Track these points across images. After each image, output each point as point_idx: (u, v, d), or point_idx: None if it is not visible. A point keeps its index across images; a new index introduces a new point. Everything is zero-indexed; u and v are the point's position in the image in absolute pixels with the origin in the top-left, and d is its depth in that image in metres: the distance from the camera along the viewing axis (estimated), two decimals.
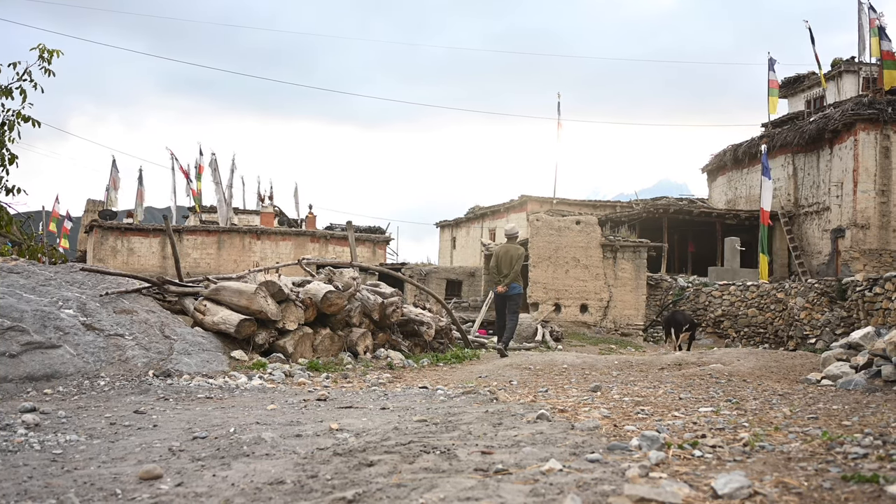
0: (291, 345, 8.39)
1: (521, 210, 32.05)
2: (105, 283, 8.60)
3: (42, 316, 6.89)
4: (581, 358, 9.90)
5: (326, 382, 7.16)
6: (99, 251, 31.87)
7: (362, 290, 9.68)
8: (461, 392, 6.30)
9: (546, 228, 20.02)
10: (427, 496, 2.70)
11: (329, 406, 5.52)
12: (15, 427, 4.30)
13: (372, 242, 35.41)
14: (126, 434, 4.32)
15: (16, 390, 5.88)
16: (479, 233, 35.01)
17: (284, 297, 8.52)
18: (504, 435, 3.95)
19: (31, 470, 3.38)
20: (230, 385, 6.61)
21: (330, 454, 3.50)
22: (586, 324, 19.65)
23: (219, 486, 2.95)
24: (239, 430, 4.24)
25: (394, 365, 8.65)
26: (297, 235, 34.36)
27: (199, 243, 32.75)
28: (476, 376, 7.78)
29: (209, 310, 8.39)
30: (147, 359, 7.09)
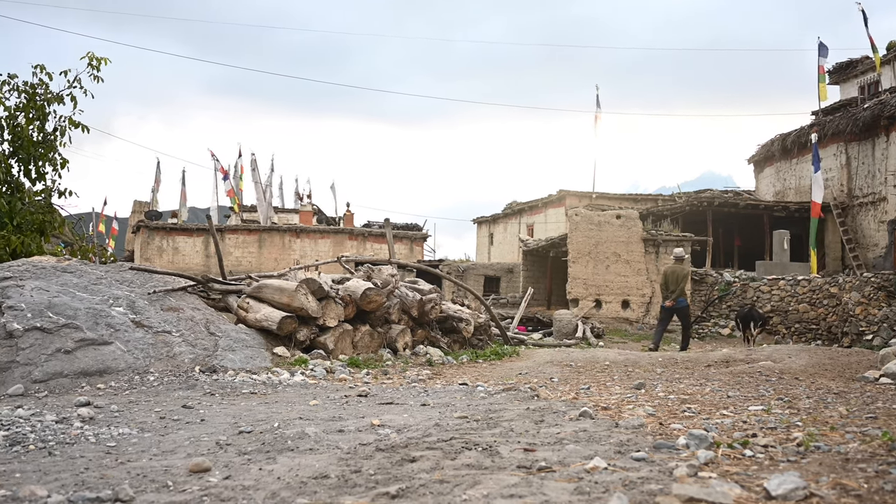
0: (332, 341, 8.47)
1: (559, 205, 31.80)
2: (152, 282, 8.77)
3: (94, 314, 7.07)
4: (623, 355, 9.80)
5: (367, 379, 7.21)
6: (146, 251, 32.51)
7: (401, 287, 9.73)
8: (501, 389, 6.29)
9: (585, 223, 19.85)
10: (470, 493, 2.69)
11: (370, 402, 5.55)
12: (71, 420, 4.43)
13: (409, 239, 35.50)
14: (175, 428, 4.41)
15: (71, 385, 6.05)
16: (517, 229, 34.83)
17: (324, 294, 8.60)
18: (546, 432, 3.93)
19: (87, 462, 3.48)
20: (273, 381, 6.70)
21: (372, 450, 3.52)
22: (628, 320, 19.44)
23: (265, 479, 3.00)
24: (283, 425, 4.30)
25: (433, 361, 8.68)
26: (336, 233, 34.61)
27: (241, 242, 33.20)
28: (516, 373, 7.76)
29: (252, 307, 8.52)
30: (193, 355, 7.23)
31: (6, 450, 3.76)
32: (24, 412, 4.52)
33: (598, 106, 30.59)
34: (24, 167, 10.64)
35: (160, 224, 33.83)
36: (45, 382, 5.98)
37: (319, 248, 33.35)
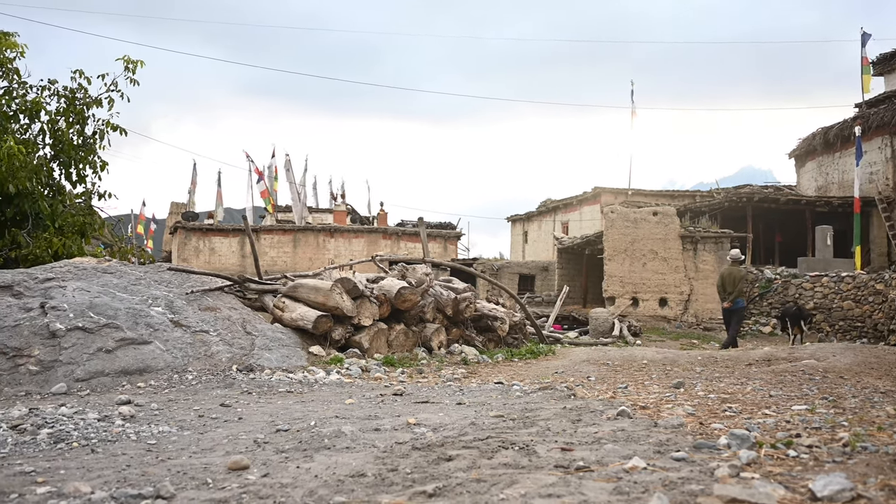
0: (367, 340, 8.50)
1: (594, 202, 31.56)
2: (190, 282, 8.89)
3: (134, 313, 7.19)
4: (661, 353, 9.67)
5: (402, 377, 7.21)
6: (183, 251, 33.01)
7: (435, 286, 9.72)
8: (538, 388, 6.25)
9: (621, 220, 19.66)
10: (507, 492, 2.68)
11: (405, 401, 5.56)
12: (113, 418, 4.50)
13: (443, 238, 35.53)
14: (214, 426, 4.46)
15: (112, 383, 6.16)
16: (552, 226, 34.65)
17: (359, 293, 8.64)
18: (583, 432, 3.89)
19: (128, 459, 3.53)
20: (309, 380, 6.74)
21: (409, 448, 3.52)
22: (666, 318, 19.21)
23: (303, 477, 3.01)
24: (319, 424, 4.31)
25: (468, 360, 8.66)
26: (370, 233, 34.78)
27: (276, 242, 33.54)
28: (552, 372, 7.70)
29: (287, 306, 8.58)
30: (231, 354, 7.30)
31: (51, 447, 3.83)
32: (67, 410, 4.60)
33: (633, 101, 30.33)
34: (65, 170, 10.87)
35: (197, 225, 34.31)
36: (87, 381, 6.09)
37: (353, 248, 33.55)
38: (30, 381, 5.95)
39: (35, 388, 5.87)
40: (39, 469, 3.31)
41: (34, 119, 10.88)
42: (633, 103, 30.36)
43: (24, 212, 9.79)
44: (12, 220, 9.81)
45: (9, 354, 6.14)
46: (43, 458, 3.61)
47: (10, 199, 9.59)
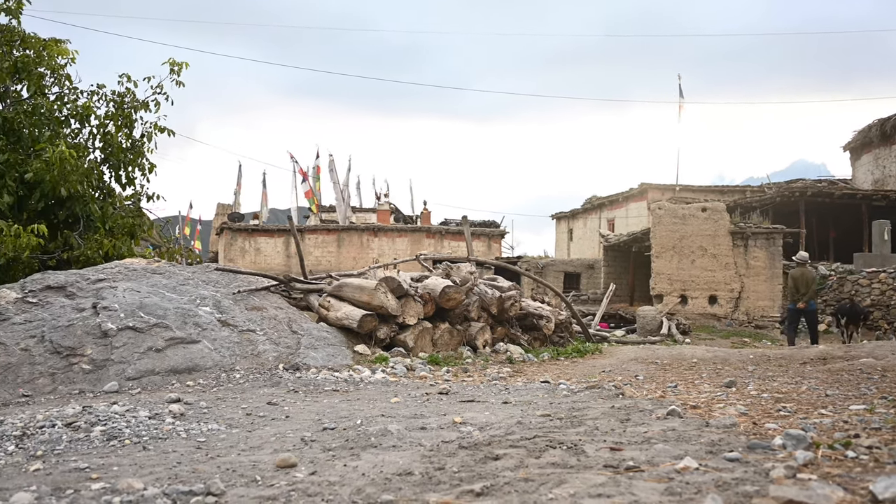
0: (412, 339, 8.51)
1: (640, 199, 31.17)
2: (237, 282, 9.01)
3: (182, 313, 7.31)
4: (712, 352, 9.50)
5: (447, 376, 7.20)
6: (229, 251, 33.56)
7: (479, 285, 9.69)
8: (585, 387, 6.17)
9: (669, 217, 19.37)
10: (556, 491, 2.64)
11: (451, 400, 5.54)
12: (163, 416, 4.57)
13: (487, 236, 35.47)
14: (261, 424, 4.50)
15: (162, 382, 6.27)
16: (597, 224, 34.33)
17: (404, 292, 8.65)
18: (633, 431, 3.83)
19: (179, 456, 3.58)
20: (355, 378, 6.77)
21: (455, 447, 3.50)
22: (716, 316, 18.86)
23: (350, 475, 3.01)
24: (365, 422, 4.32)
25: (513, 359, 8.61)
26: (413, 231, 34.90)
27: (320, 242, 33.89)
28: (599, 371, 7.61)
29: (332, 306, 8.64)
30: (277, 353, 7.38)
31: (104, 444, 3.91)
32: (119, 408, 4.69)
33: (680, 96, 29.94)
34: (114, 173, 11.11)
35: (242, 226, 34.85)
36: (138, 380, 6.21)
37: (397, 247, 33.71)
38: (83, 380, 6.09)
39: (88, 386, 6.01)
40: (93, 465, 3.38)
41: (84, 123, 11.14)
42: (680, 97, 29.94)
43: (76, 214, 10.03)
44: (64, 222, 10.06)
45: (63, 353, 6.29)
46: (97, 454, 3.68)
47: (63, 203, 9.83)
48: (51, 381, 5.99)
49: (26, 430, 4.07)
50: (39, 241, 8.92)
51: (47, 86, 10.96)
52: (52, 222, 9.86)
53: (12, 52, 10.54)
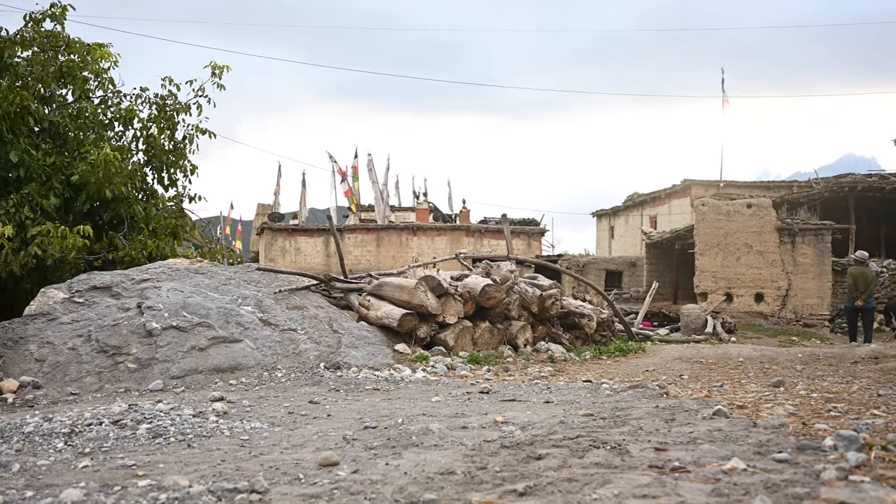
0: (452, 338, 8.49)
1: (683, 195, 30.72)
2: (278, 282, 9.09)
3: (225, 313, 7.39)
4: (759, 351, 9.33)
5: (488, 375, 7.17)
6: (269, 251, 33.95)
7: (520, 283, 9.63)
8: (628, 386, 6.09)
9: (713, 213, 19.06)
10: (600, 491, 2.61)
11: (492, 399, 5.51)
12: (207, 415, 4.63)
13: (527, 235, 35.31)
14: (303, 423, 4.53)
15: (205, 381, 6.35)
16: (639, 221, 33.92)
17: (443, 291, 8.64)
18: (678, 431, 3.76)
19: (223, 454, 3.62)
20: (395, 377, 6.77)
21: (497, 446, 3.48)
22: (762, 314, 18.51)
23: (392, 474, 3.01)
24: (407, 421, 4.31)
25: (555, 358, 8.53)
26: (452, 230, 34.91)
27: (360, 241, 34.08)
28: (642, 370, 7.51)
29: (373, 305, 8.66)
30: (318, 352, 7.42)
31: (150, 441, 3.97)
32: (163, 406, 4.76)
33: (723, 90, 29.42)
34: (157, 175, 11.31)
35: (283, 225, 35.21)
36: (182, 378, 6.30)
37: (436, 246, 33.74)
38: (128, 378, 6.20)
39: (133, 384, 6.11)
40: (140, 463, 3.43)
41: (128, 126, 11.36)
42: (723, 92, 29.45)
43: (120, 215, 10.23)
44: (109, 223, 10.26)
45: (109, 352, 6.41)
46: (143, 452, 3.73)
47: (108, 204, 10.03)
48: (97, 379, 6.11)
49: (74, 427, 4.15)
50: (85, 242, 9.11)
51: (91, 89, 11.20)
52: (98, 223, 10.06)
53: (57, 57, 10.79)
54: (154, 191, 11.32)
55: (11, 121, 9.44)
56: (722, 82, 29.46)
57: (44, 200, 9.39)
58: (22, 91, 9.71)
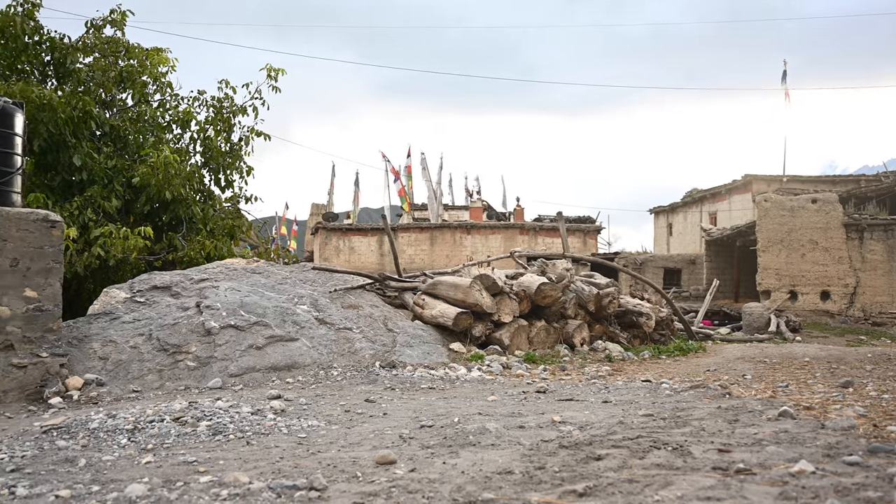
0: (507, 337, 8.44)
1: (744, 191, 29.92)
2: (332, 281, 9.18)
3: (281, 312, 7.49)
4: (825, 350, 9.04)
5: (544, 374, 7.11)
6: (324, 251, 34.33)
7: (576, 282, 9.52)
8: (688, 386, 5.96)
9: (776, 209, 18.56)
10: (662, 493, 2.56)
11: (549, 398, 5.45)
12: (265, 412, 4.68)
13: (582, 232, 34.95)
14: (360, 421, 4.54)
15: (262, 379, 6.43)
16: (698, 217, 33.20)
17: (499, 289, 8.59)
18: (742, 433, 3.66)
19: (281, 451, 3.65)
20: (450, 376, 6.76)
21: (555, 446, 3.43)
22: (828, 312, 17.94)
23: (449, 473, 2.99)
24: (463, 420, 4.29)
25: (612, 357, 8.41)
26: (506, 228, 34.76)
27: (413, 240, 34.19)
28: (703, 370, 7.35)
29: (427, 303, 8.67)
30: (373, 351, 7.46)
31: (210, 438, 4.03)
32: (223, 404, 4.83)
33: (785, 82, 28.57)
34: (214, 176, 11.53)
35: (337, 225, 35.54)
36: (240, 376, 6.40)
37: (490, 244, 33.64)
38: (188, 376, 6.32)
39: (193, 382, 6.23)
40: (201, 459, 3.48)
41: (185, 129, 11.61)
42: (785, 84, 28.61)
43: (179, 217, 10.45)
44: (168, 224, 10.49)
45: (169, 351, 6.55)
46: (203, 448, 3.79)
47: (167, 206, 10.26)
48: (158, 377, 6.25)
49: (137, 424, 4.24)
50: (146, 242, 9.34)
51: (150, 93, 11.48)
52: (157, 224, 10.30)
53: (118, 63, 11.09)
54: (211, 192, 11.53)
55: (74, 125, 9.74)
56: (784, 74, 28.61)
57: (106, 202, 9.65)
58: (84, 96, 10.01)
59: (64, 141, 9.63)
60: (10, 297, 5.74)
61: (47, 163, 9.70)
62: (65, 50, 10.72)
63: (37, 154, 9.37)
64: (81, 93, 10.26)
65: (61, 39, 10.82)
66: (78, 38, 11.08)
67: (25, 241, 5.83)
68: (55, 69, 10.84)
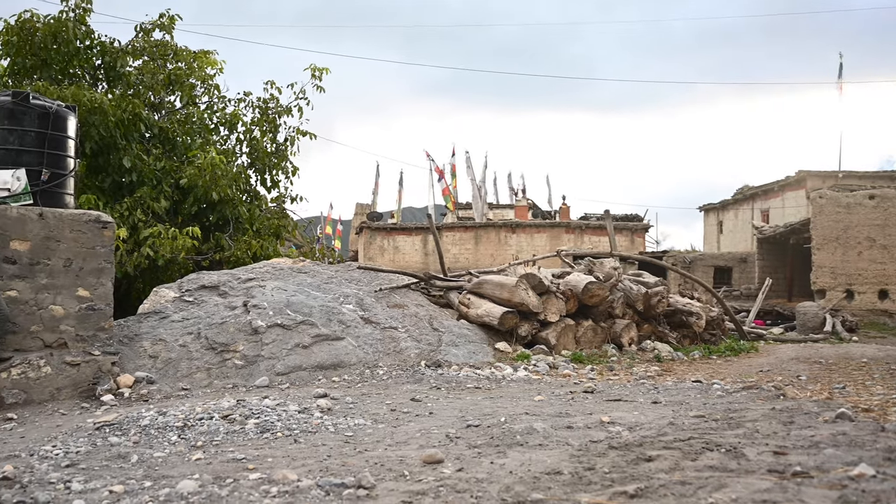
0: (554, 336, 8.36)
1: (798, 188, 29.21)
2: (378, 280, 9.21)
3: (327, 311, 7.54)
4: (884, 351, 8.76)
5: (591, 374, 7.03)
6: (368, 250, 34.55)
7: (624, 280, 9.40)
8: (741, 387, 5.83)
9: (831, 206, 18.08)
10: (716, 496, 2.50)
11: (597, 398, 5.38)
12: (312, 411, 4.71)
13: (629, 231, 34.53)
14: (406, 420, 4.54)
15: (308, 377, 6.48)
16: (750, 215, 32.52)
17: (545, 288, 8.52)
18: (797, 435, 3.55)
19: (328, 450, 3.67)
20: (496, 376, 6.72)
21: (605, 447, 3.38)
22: (887, 312, 17.41)
23: (497, 473, 2.96)
24: (510, 420, 4.25)
25: (662, 357, 8.28)
26: (552, 227, 34.53)
27: (458, 239, 34.19)
28: (756, 370, 7.19)
29: (473, 303, 8.64)
30: (418, 350, 7.46)
31: (258, 436, 4.06)
32: (270, 402, 4.87)
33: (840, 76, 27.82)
34: (260, 177, 11.69)
35: (381, 224, 35.73)
36: (287, 375, 6.45)
37: (535, 243, 33.44)
38: (236, 375, 6.40)
39: (240, 380, 6.31)
40: (249, 457, 3.51)
41: (232, 130, 11.79)
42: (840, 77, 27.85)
43: (226, 217, 10.61)
44: (215, 224, 10.66)
45: (217, 349, 6.64)
46: (251, 446, 3.82)
47: (214, 206, 10.42)
48: (206, 375, 6.34)
49: (187, 421, 4.30)
50: (194, 242, 9.50)
51: (198, 95, 11.69)
52: (204, 225, 10.47)
53: (166, 66, 11.32)
54: (257, 192, 11.69)
55: (125, 128, 9.96)
56: (840, 67, 27.93)
57: (154, 203, 9.84)
58: (133, 99, 10.24)
59: (114, 143, 9.85)
60: (63, 297, 5.89)
61: (98, 165, 9.93)
62: (115, 54, 10.97)
63: (88, 156, 9.60)
64: (131, 96, 10.49)
65: (111, 43, 11.07)
66: (128, 41, 11.33)
67: (78, 241, 5.97)
68: (106, 73, 11.10)
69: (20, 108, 5.91)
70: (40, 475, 3.25)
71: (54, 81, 10.24)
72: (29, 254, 5.78)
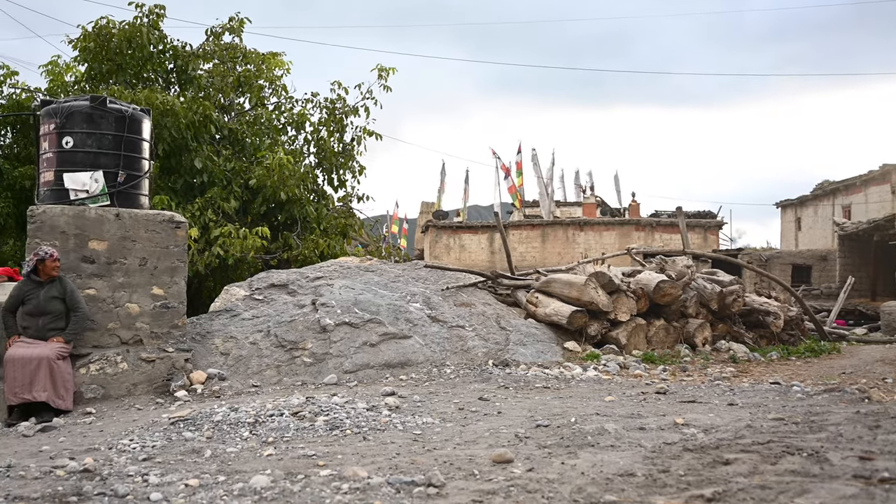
0: (624, 336, 8.20)
1: (882, 182, 27.94)
2: (444, 279, 9.21)
3: (394, 309, 7.57)
4: None
5: (664, 375, 6.87)
6: (434, 249, 34.64)
7: (697, 279, 9.14)
8: (822, 389, 5.60)
9: None
10: (798, 501, 2.42)
11: (669, 400, 5.25)
12: (380, 409, 4.73)
13: (702, 228, 33.67)
14: (474, 419, 4.51)
15: (376, 375, 6.53)
16: (830, 211, 31.30)
17: (615, 287, 8.36)
18: (884, 439, 3.40)
19: (397, 447, 3.67)
20: (565, 375, 6.63)
21: (679, 449, 3.29)
22: None
23: (568, 473, 2.91)
24: (580, 421, 4.18)
25: (737, 358, 8.02)
26: (621, 225, 33.96)
27: (524, 237, 33.95)
28: (838, 372, 6.89)
29: (541, 301, 8.55)
30: (486, 349, 7.42)
31: (327, 433, 4.10)
32: (338, 400, 4.92)
33: None
34: (327, 176, 11.83)
35: (447, 223, 35.77)
36: (354, 373, 6.51)
37: (604, 241, 32.93)
38: (304, 372, 6.49)
39: (309, 378, 6.39)
40: (319, 453, 3.55)
41: (300, 130, 11.98)
42: None
43: (294, 216, 10.77)
44: (284, 224, 10.84)
45: (286, 347, 6.75)
46: (321, 443, 3.86)
47: (282, 206, 10.60)
48: (276, 372, 6.45)
49: (258, 417, 4.38)
50: (263, 242, 9.68)
51: (266, 97, 11.92)
52: (273, 224, 10.66)
53: (235, 68, 11.57)
54: (324, 192, 11.83)
55: (196, 129, 10.22)
56: None
57: (225, 204, 10.06)
58: (204, 101, 10.50)
59: (186, 145, 10.12)
60: (139, 295, 6.08)
61: (170, 166, 10.22)
62: (186, 57, 11.28)
63: (161, 158, 9.88)
64: (202, 98, 10.76)
65: (183, 47, 11.38)
66: (198, 45, 11.64)
67: (153, 241, 6.15)
68: (177, 76, 11.43)
69: (98, 112, 6.11)
70: (119, 468, 3.35)
71: (129, 85, 10.60)
72: (106, 253, 5.99)
